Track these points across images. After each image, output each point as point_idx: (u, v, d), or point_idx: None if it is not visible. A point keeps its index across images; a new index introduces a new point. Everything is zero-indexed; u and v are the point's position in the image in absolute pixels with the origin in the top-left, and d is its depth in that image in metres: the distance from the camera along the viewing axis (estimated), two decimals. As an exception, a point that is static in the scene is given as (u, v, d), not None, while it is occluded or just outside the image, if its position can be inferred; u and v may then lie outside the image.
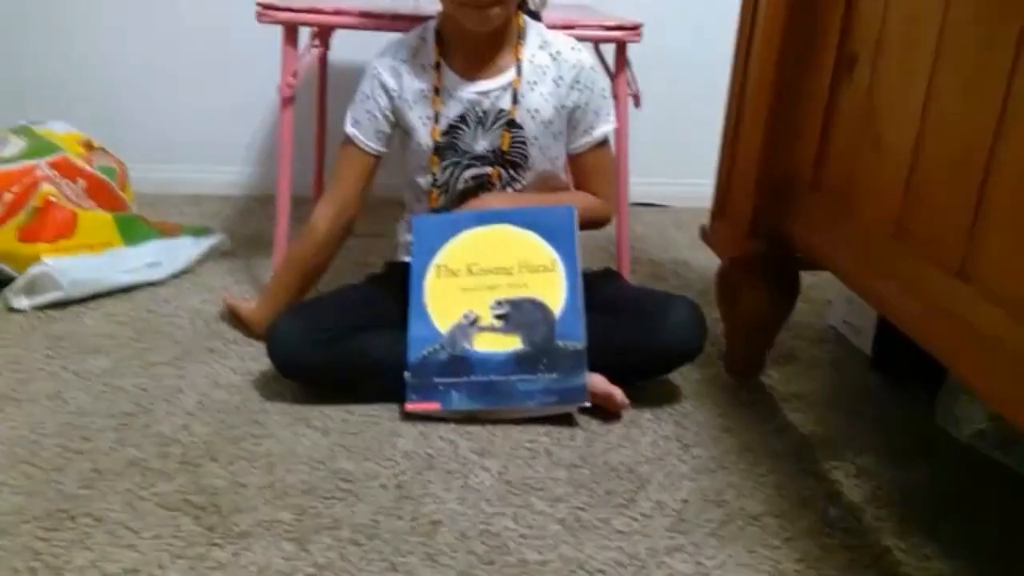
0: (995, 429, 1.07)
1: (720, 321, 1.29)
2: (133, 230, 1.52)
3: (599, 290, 1.21)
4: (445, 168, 1.25)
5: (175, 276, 1.52)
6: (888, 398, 1.25)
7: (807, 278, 1.23)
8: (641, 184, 2.02)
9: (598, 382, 1.13)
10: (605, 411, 1.13)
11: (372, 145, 1.25)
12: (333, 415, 1.11)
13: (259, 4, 1.32)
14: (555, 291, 1.16)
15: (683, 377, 1.24)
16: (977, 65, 0.75)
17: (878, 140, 0.93)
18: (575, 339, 1.12)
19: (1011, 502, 1.01)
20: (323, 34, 1.46)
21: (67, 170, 1.51)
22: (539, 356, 1.12)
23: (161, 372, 1.20)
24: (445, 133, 1.23)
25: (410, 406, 1.11)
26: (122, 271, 1.45)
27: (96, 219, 1.48)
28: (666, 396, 1.20)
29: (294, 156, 1.41)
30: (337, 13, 1.35)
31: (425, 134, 1.23)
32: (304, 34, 1.40)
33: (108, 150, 1.67)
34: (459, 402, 1.11)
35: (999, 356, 0.70)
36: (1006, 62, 0.70)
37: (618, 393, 1.12)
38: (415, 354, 1.13)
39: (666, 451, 1.07)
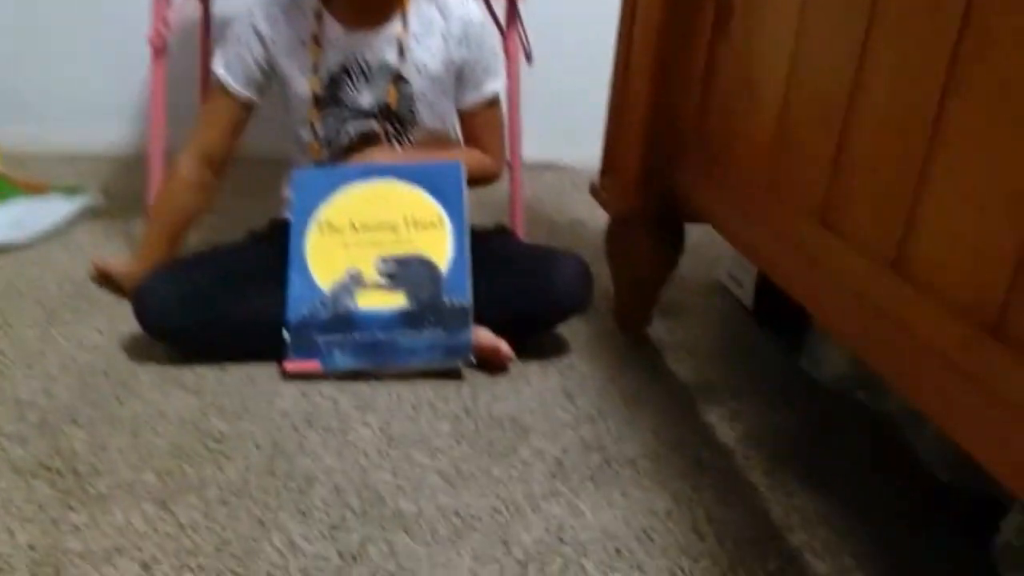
0: (854, 371, 1.11)
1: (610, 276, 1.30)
2: (-6, 189, 1.43)
3: (489, 246, 1.20)
4: (327, 121, 1.21)
5: (44, 238, 1.44)
6: (765, 347, 1.29)
7: (698, 233, 1.24)
8: (540, 145, 2.01)
9: (484, 335, 1.12)
10: (492, 364, 1.13)
11: (243, 91, 1.20)
12: (208, 375, 1.07)
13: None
14: (442, 248, 1.15)
15: (572, 331, 1.25)
16: (841, 13, 0.76)
17: (752, 92, 0.94)
18: (461, 296, 1.11)
19: (868, 438, 1.06)
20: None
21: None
22: (425, 313, 1.11)
23: (23, 335, 1.13)
24: (326, 85, 1.19)
25: (289, 366, 1.08)
26: (-20, 233, 1.36)
27: (-48, 177, 1.39)
28: (554, 349, 1.21)
29: (172, 113, 1.34)
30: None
31: (303, 84, 1.19)
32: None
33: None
34: (342, 361, 1.08)
35: (855, 301, 0.71)
36: (865, 7, 0.72)
37: (504, 346, 1.12)
38: (295, 313, 1.10)
39: (550, 402, 1.07)
